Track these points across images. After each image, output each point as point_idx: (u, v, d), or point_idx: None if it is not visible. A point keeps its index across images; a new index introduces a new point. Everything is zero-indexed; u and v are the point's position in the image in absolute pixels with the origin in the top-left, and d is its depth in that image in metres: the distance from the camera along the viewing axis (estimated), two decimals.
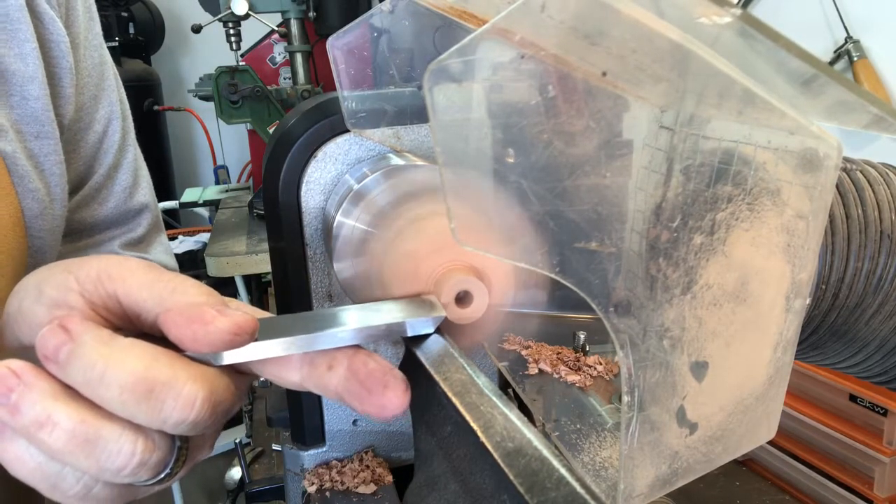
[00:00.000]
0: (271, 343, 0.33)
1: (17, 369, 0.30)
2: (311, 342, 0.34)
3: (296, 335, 0.34)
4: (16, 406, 0.29)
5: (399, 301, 0.40)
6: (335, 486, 0.55)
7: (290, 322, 0.35)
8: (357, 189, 0.46)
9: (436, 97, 0.25)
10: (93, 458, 0.30)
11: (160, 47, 3.50)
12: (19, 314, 0.34)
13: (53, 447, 0.30)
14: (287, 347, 0.34)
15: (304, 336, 0.34)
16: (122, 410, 0.30)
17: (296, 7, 2.12)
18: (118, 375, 0.30)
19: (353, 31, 0.47)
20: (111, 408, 0.30)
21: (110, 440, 0.30)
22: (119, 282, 0.33)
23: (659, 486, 0.29)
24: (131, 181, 0.65)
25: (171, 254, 0.73)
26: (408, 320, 0.37)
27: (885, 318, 0.43)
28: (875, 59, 1.78)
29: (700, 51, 0.24)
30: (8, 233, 0.49)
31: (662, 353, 0.27)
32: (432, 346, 0.38)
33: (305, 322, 0.35)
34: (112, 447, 0.30)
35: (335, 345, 0.34)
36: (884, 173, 0.45)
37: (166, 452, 0.32)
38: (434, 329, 0.38)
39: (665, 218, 0.27)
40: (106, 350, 0.30)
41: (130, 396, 0.30)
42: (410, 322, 0.38)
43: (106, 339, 0.31)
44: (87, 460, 0.30)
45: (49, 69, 0.53)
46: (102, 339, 0.30)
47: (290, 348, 0.34)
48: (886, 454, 1.01)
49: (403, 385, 0.33)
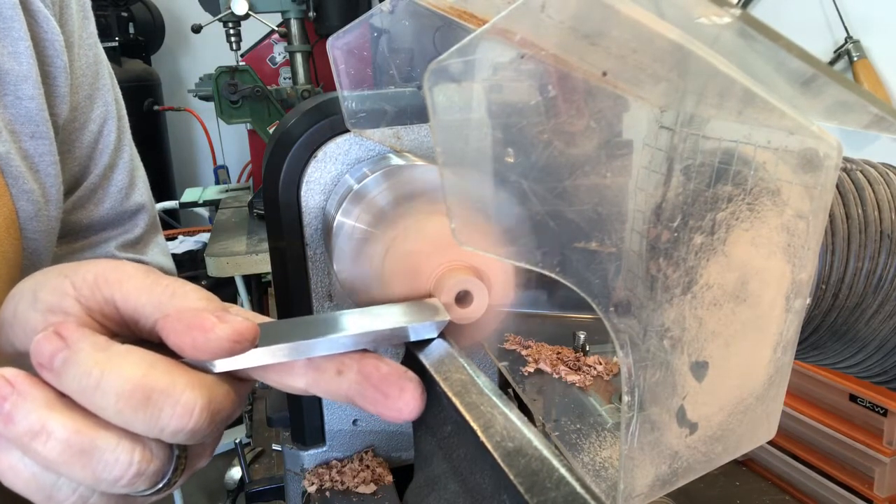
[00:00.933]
0: (272, 349, 0.33)
1: (10, 377, 0.29)
2: (314, 348, 0.33)
3: (297, 341, 0.33)
4: (9, 416, 0.29)
5: (401, 305, 0.39)
6: (335, 486, 0.55)
7: (291, 327, 0.34)
8: (357, 189, 0.46)
9: (436, 97, 0.25)
10: (89, 468, 0.29)
11: (160, 47, 3.50)
12: (14, 320, 0.33)
13: (48, 457, 0.29)
14: (288, 353, 0.33)
15: (305, 341, 0.33)
16: (118, 419, 0.29)
17: (296, 7, 2.13)
18: (114, 383, 0.29)
19: (353, 31, 0.47)
20: (107, 416, 0.30)
21: (106, 450, 0.29)
22: (116, 286, 0.32)
23: (659, 486, 0.29)
24: (127, 181, 0.65)
25: (169, 255, 0.72)
26: (411, 325, 0.37)
27: (885, 318, 0.43)
28: (875, 59, 1.78)
29: (700, 51, 0.24)
30: (2, 234, 0.48)
31: (662, 353, 0.27)
32: (433, 347, 0.38)
33: (307, 327, 0.34)
34: (108, 457, 0.29)
35: (338, 350, 0.34)
36: (884, 173, 0.45)
37: (164, 462, 0.31)
38: (437, 334, 0.38)
39: (665, 218, 0.27)
40: (102, 357, 0.29)
41: (127, 404, 0.29)
42: (413, 327, 0.37)
43: (102, 346, 0.30)
44: (82, 471, 0.29)
45: (43, 68, 0.53)
46: (98, 346, 0.30)
47: (291, 354, 0.33)
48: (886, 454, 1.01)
49: (420, 388, 0.33)
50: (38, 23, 0.52)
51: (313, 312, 0.54)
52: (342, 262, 0.45)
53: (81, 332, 0.30)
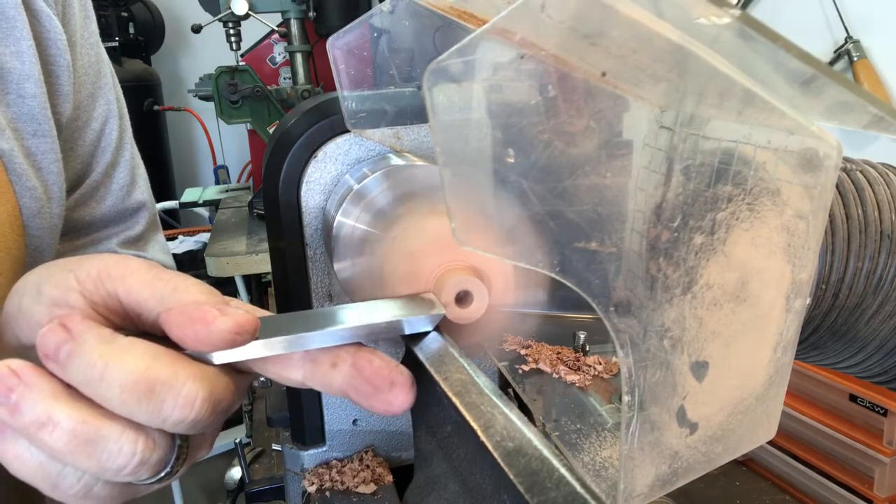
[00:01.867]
0: (271, 341, 0.33)
1: (17, 369, 0.30)
2: (311, 340, 0.34)
3: (295, 333, 0.34)
4: (16, 406, 0.29)
5: (398, 299, 0.40)
6: (335, 486, 0.55)
7: (290, 320, 0.35)
8: (357, 189, 0.46)
9: (436, 97, 0.25)
10: (94, 457, 0.30)
11: (160, 47, 3.50)
12: (19, 313, 0.34)
13: (54, 447, 0.30)
14: (287, 346, 0.34)
15: (303, 334, 0.34)
16: (122, 409, 0.30)
17: (296, 7, 2.13)
18: (119, 374, 0.30)
19: (353, 31, 0.47)
20: (112, 407, 0.30)
21: (111, 439, 0.30)
22: (120, 280, 0.33)
23: (659, 486, 0.29)
24: (129, 179, 0.65)
25: (169, 252, 0.73)
26: (406, 318, 0.37)
27: (885, 318, 0.43)
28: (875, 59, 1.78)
29: (700, 51, 0.24)
30: (6, 231, 0.49)
31: (663, 353, 0.27)
32: (432, 346, 0.38)
33: (305, 320, 0.35)
34: (112, 447, 0.30)
35: (335, 343, 0.34)
36: (884, 173, 0.45)
37: (167, 451, 0.32)
38: (433, 327, 0.38)
39: (665, 218, 0.27)
40: (106, 349, 0.30)
41: (131, 395, 0.30)
42: (408, 320, 0.38)
43: (106, 338, 0.31)
44: (87, 460, 0.30)
45: (46, 67, 0.53)
46: (103, 338, 0.30)
47: (289, 346, 0.34)
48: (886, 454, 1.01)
49: (410, 381, 0.34)
50: (40, 22, 0.53)
51: None
52: (342, 262, 0.45)
53: (86, 325, 0.31)
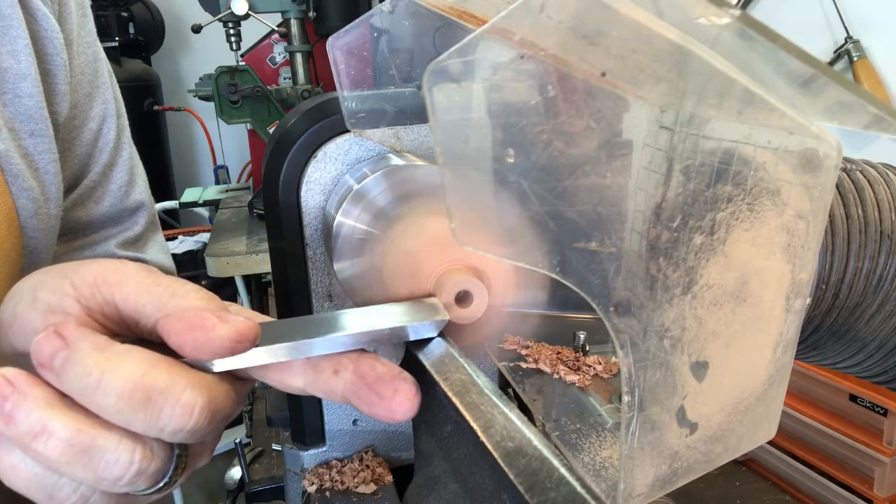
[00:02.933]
0: (272, 348, 0.33)
1: (11, 377, 0.29)
2: (313, 347, 0.33)
3: (296, 340, 0.33)
4: (10, 415, 0.29)
5: (401, 304, 0.40)
6: (335, 486, 0.55)
7: (291, 326, 0.34)
8: (357, 189, 0.46)
9: (436, 97, 0.25)
10: (90, 467, 0.29)
11: (160, 47, 3.50)
12: (14, 320, 0.33)
13: (49, 457, 0.29)
14: (289, 353, 0.33)
15: (304, 341, 0.33)
16: (118, 418, 0.30)
17: (296, 7, 2.13)
18: (115, 383, 0.29)
19: (353, 31, 0.47)
20: (108, 416, 0.30)
21: (107, 449, 0.29)
22: (117, 287, 0.33)
23: (659, 486, 0.29)
24: (127, 179, 0.65)
25: (168, 253, 0.72)
26: (410, 324, 0.37)
27: (885, 318, 0.43)
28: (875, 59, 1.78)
29: (699, 51, 0.24)
30: (2, 232, 0.48)
31: (663, 353, 0.27)
32: (432, 347, 0.38)
33: (306, 326, 0.34)
34: (109, 456, 0.29)
35: (337, 349, 0.34)
36: (884, 173, 0.45)
37: (165, 461, 0.31)
38: (437, 333, 0.38)
39: (665, 218, 0.27)
40: (102, 357, 0.29)
41: (127, 404, 0.29)
42: (413, 326, 0.37)
43: (102, 346, 0.30)
44: (83, 470, 0.29)
45: (43, 66, 0.53)
46: (98, 346, 0.30)
47: (291, 353, 0.33)
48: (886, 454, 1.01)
49: (414, 388, 0.33)
50: (36, 21, 0.52)
51: (313, 312, 0.54)
52: (342, 262, 0.45)
53: (81, 332, 0.30)
